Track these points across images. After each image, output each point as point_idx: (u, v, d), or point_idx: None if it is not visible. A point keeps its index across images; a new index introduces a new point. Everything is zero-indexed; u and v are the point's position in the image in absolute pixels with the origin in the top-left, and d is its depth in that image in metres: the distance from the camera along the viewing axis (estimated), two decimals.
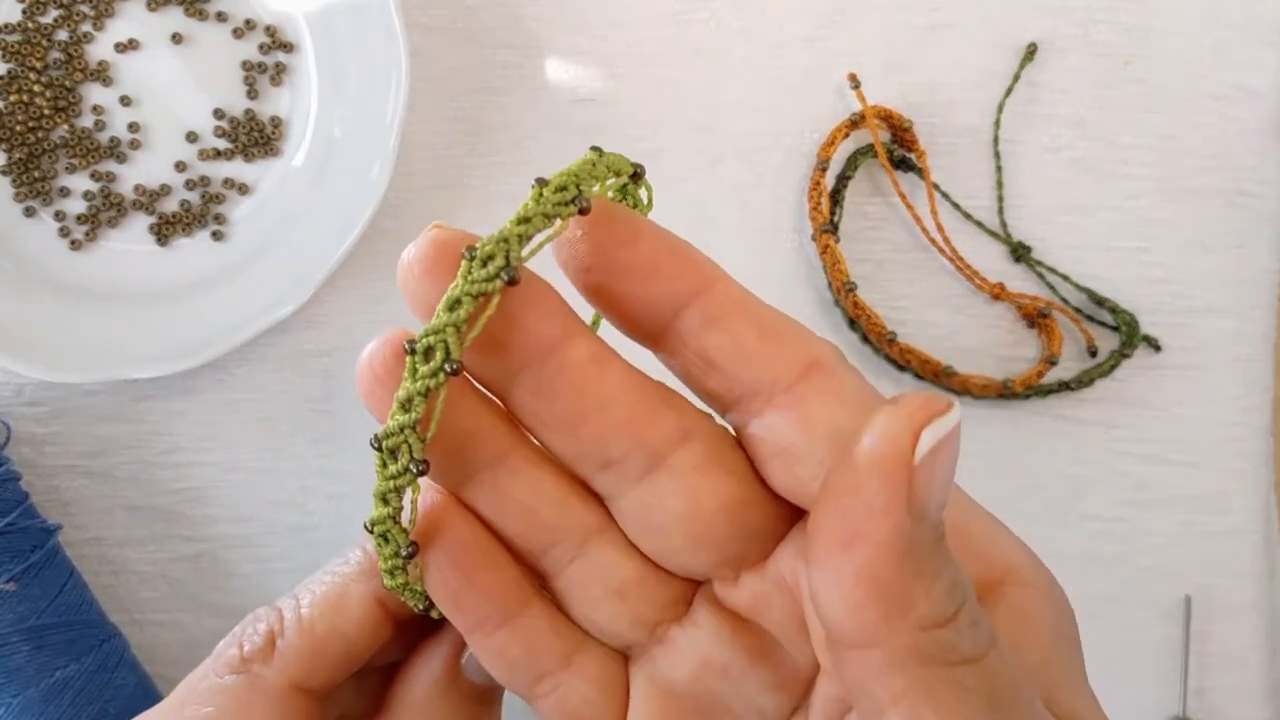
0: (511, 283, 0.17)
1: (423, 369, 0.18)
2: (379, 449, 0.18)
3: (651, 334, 0.19)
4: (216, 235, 0.42)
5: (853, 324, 0.43)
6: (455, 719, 0.23)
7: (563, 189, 0.17)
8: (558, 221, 0.17)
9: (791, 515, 0.19)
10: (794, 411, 0.18)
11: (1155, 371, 0.45)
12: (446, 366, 0.17)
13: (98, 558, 0.43)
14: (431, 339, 0.17)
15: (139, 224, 0.42)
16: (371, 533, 0.19)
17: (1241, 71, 0.45)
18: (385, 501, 0.19)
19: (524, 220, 0.17)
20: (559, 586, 0.20)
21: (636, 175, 0.19)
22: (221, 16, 0.42)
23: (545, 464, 0.20)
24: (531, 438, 0.20)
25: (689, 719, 0.20)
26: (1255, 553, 0.45)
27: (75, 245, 0.42)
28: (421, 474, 0.18)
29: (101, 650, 0.38)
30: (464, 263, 0.17)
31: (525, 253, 0.17)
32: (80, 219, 0.42)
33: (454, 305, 0.17)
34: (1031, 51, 0.44)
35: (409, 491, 0.19)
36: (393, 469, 0.19)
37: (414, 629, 0.23)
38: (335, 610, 0.22)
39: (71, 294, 0.41)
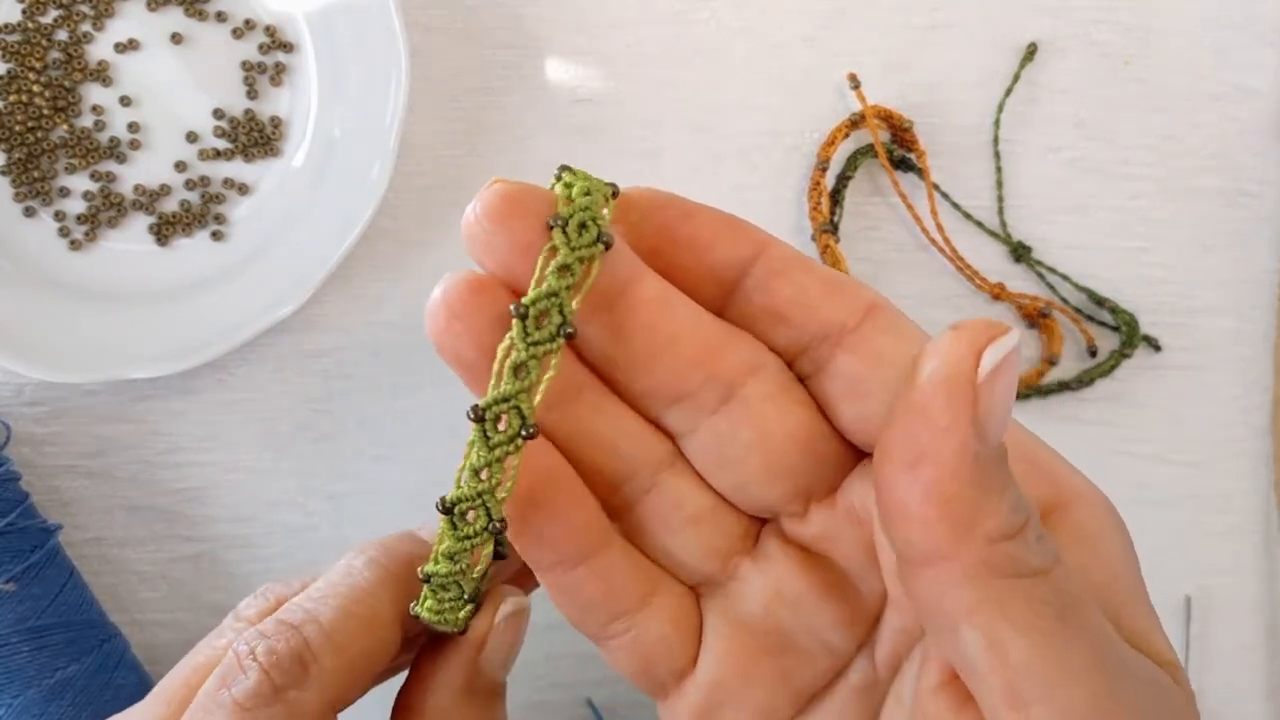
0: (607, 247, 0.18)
1: (536, 334, 0.17)
2: (480, 419, 0.18)
3: (718, 298, 0.20)
4: (216, 235, 0.42)
5: None
6: (474, 718, 0.23)
7: (583, 227, 0.17)
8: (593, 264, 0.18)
9: (859, 452, 0.20)
10: (861, 349, 0.19)
11: (1155, 371, 0.45)
12: (562, 331, 0.17)
13: (98, 558, 0.43)
14: (545, 302, 0.17)
15: (139, 224, 0.42)
16: (450, 512, 0.18)
17: (1241, 71, 0.45)
18: (477, 475, 0.18)
19: (564, 268, 0.17)
20: (635, 518, 0.21)
21: (615, 193, 0.19)
22: (221, 16, 0.42)
23: (617, 400, 0.20)
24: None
25: (762, 656, 0.21)
26: (1255, 553, 0.45)
27: (75, 245, 0.42)
28: (530, 438, 0.18)
29: (101, 650, 0.38)
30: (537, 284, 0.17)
31: (576, 305, 0.18)
32: (80, 219, 0.42)
33: (563, 270, 0.17)
34: (1031, 51, 0.44)
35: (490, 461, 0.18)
36: (498, 438, 0.18)
37: (415, 639, 0.23)
38: (367, 630, 0.22)
39: (71, 294, 0.41)
